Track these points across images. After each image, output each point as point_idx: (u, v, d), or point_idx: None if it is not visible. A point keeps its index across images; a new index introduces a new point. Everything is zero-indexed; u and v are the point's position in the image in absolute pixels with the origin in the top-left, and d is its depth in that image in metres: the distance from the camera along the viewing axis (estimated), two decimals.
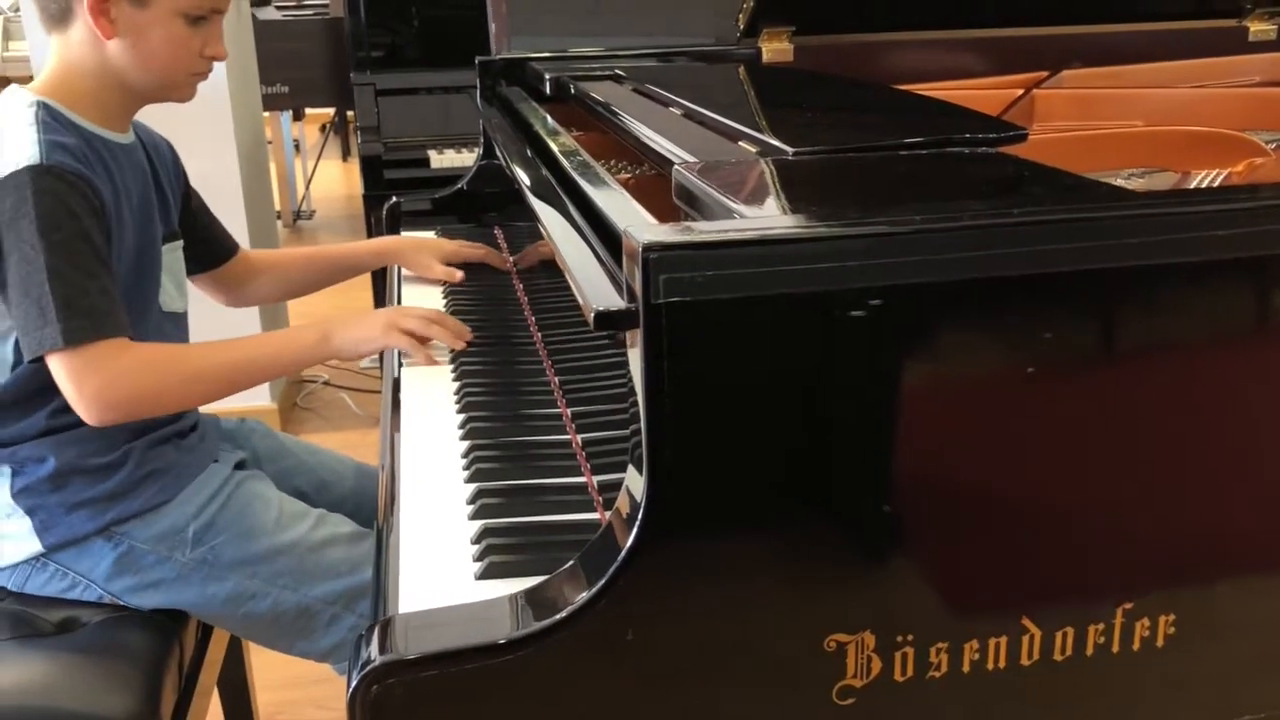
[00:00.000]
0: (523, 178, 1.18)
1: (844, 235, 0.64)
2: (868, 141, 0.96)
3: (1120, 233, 0.67)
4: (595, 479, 0.97)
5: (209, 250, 1.51)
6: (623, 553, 0.65)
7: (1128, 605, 0.73)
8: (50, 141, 1.15)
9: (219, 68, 2.73)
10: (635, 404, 0.68)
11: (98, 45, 1.21)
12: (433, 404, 1.17)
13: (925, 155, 0.92)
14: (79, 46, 1.22)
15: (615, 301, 0.69)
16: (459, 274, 1.58)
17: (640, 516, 0.65)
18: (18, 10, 5.60)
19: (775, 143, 0.96)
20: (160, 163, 1.38)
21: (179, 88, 1.28)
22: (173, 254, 1.37)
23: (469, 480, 0.98)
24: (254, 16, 3.51)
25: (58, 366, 1.13)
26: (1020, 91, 1.62)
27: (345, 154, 6.84)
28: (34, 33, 2.62)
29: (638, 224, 0.69)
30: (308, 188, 5.50)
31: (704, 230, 0.64)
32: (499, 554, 0.83)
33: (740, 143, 1.07)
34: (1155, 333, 0.70)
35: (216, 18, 1.26)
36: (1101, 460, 0.72)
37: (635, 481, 0.68)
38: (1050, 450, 0.70)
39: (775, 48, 2.06)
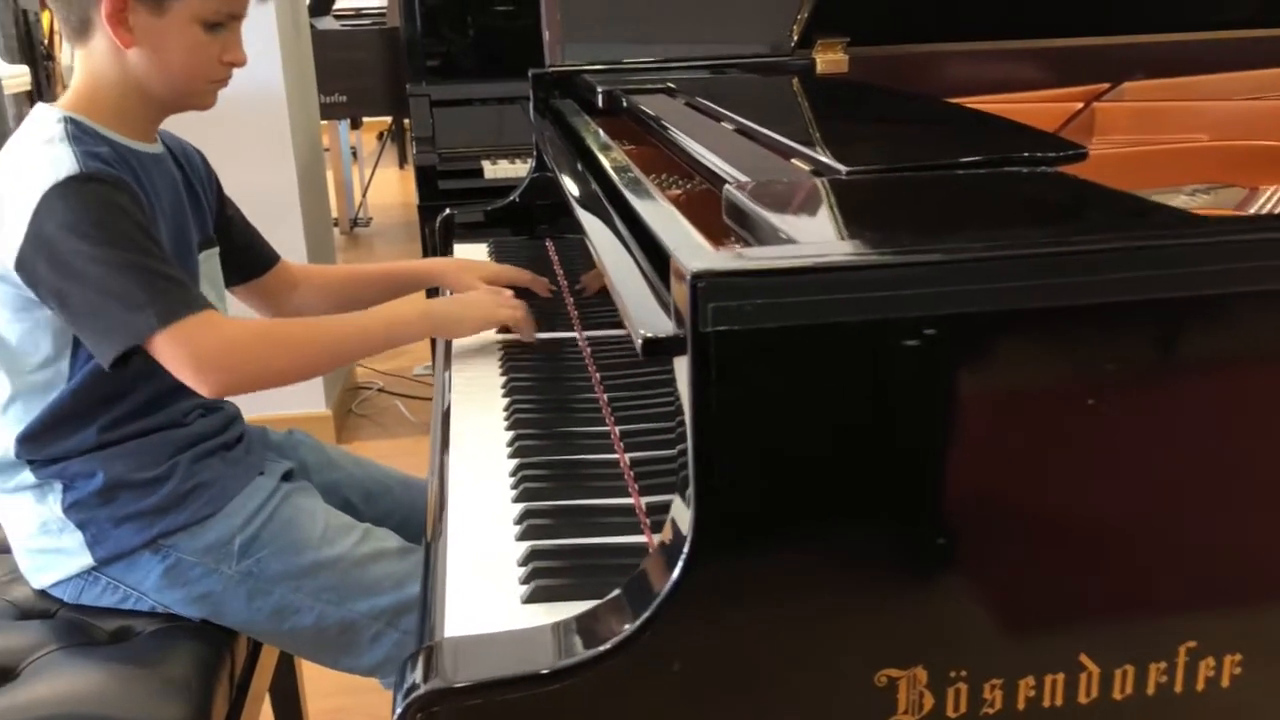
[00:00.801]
0: (573, 193, 1.18)
1: (899, 264, 0.62)
2: (923, 160, 0.94)
3: (1187, 261, 0.65)
4: (643, 500, 0.96)
5: (247, 259, 1.51)
6: (668, 585, 0.64)
7: (1191, 644, 0.71)
8: (85, 152, 1.16)
9: (277, 77, 2.79)
10: (682, 429, 0.67)
11: (118, 55, 1.21)
12: (482, 419, 1.17)
13: (983, 175, 0.90)
14: (101, 58, 1.22)
15: (663, 327, 0.69)
16: (507, 293, 1.57)
17: (686, 549, 0.64)
18: None
19: (828, 161, 0.95)
20: (191, 170, 1.38)
21: (200, 95, 1.28)
22: (209, 261, 1.38)
23: (517, 500, 0.97)
24: (313, 26, 3.56)
25: (165, 346, 1.14)
26: (1079, 105, 1.59)
27: (402, 162, 6.91)
28: None
29: (687, 248, 0.68)
30: (364, 196, 5.57)
31: (754, 257, 0.63)
32: (545, 577, 0.82)
33: (793, 160, 1.05)
34: (1223, 363, 0.68)
35: (235, 23, 1.26)
36: (1163, 494, 0.69)
37: (681, 512, 0.67)
38: (1109, 484, 0.68)
39: (829, 59, 2.04)
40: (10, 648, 1.19)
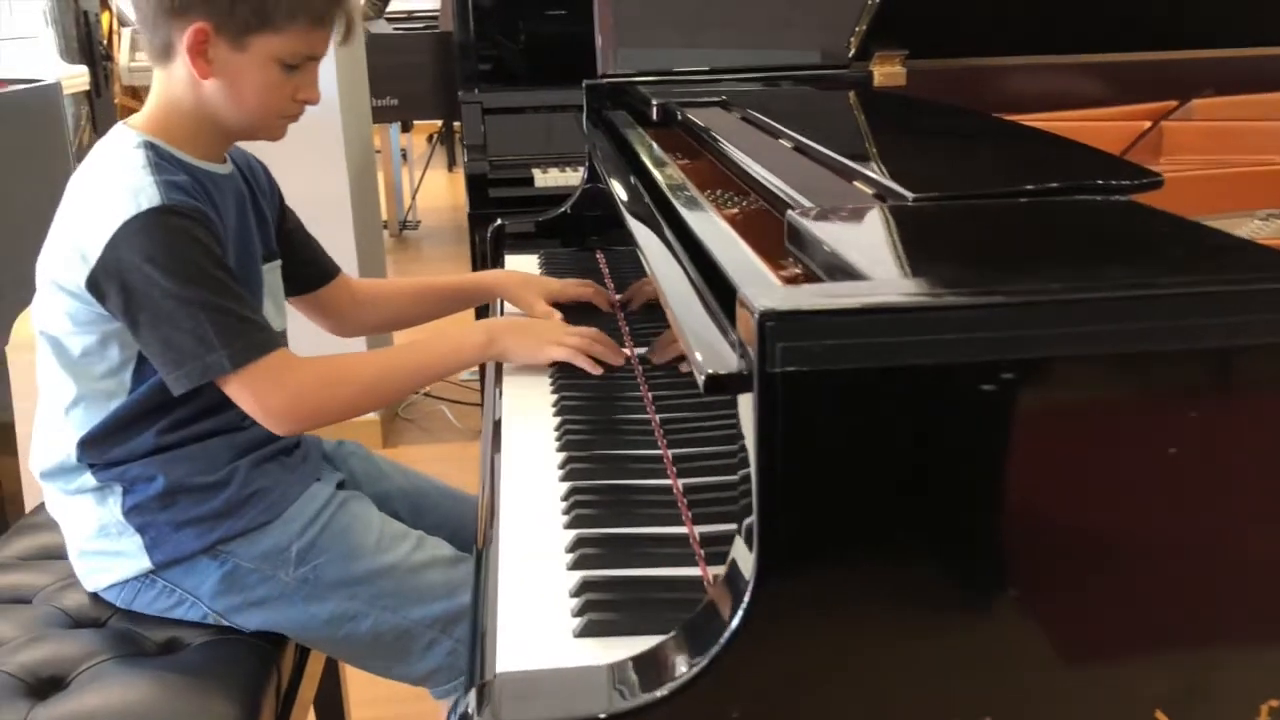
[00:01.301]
0: (628, 210, 1.16)
1: (976, 305, 0.60)
2: (991, 186, 0.92)
3: (1276, 306, 0.62)
4: (697, 529, 0.94)
5: (308, 271, 1.52)
6: (727, 632, 0.62)
7: (1274, 702, 0.68)
8: (166, 181, 1.18)
9: (331, 83, 2.80)
10: (745, 469, 0.65)
11: (195, 84, 1.23)
12: (533, 437, 1.16)
13: (1055, 204, 0.88)
14: (178, 84, 1.24)
15: (728, 362, 0.67)
16: (557, 314, 1.55)
17: (748, 595, 0.62)
18: None
19: (893, 185, 0.92)
20: (256, 184, 1.40)
21: (270, 129, 1.30)
22: (272, 274, 1.39)
23: (569, 526, 0.96)
24: (366, 30, 3.57)
25: (237, 388, 1.18)
26: (1146, 124, 1.55)
27: (451, 164, 6.95)
28: None
29: (753, 282, 0.66)
30: (414, 199, 5.60)
31: (825, 296, 0.60)
32: (598, 610, 0.81)
33: (855, 182, 1.03)
34: None
35: (312, 64, 1.27)
36: (1247, 546, 0.66)
37: (743, 556, 0.65)
38: (1191, 535, 0.66)
39: (887, 71, 2.01)
40: (60, 656, 1.20)
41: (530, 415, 1.21)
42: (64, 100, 2.52)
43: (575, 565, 0.89)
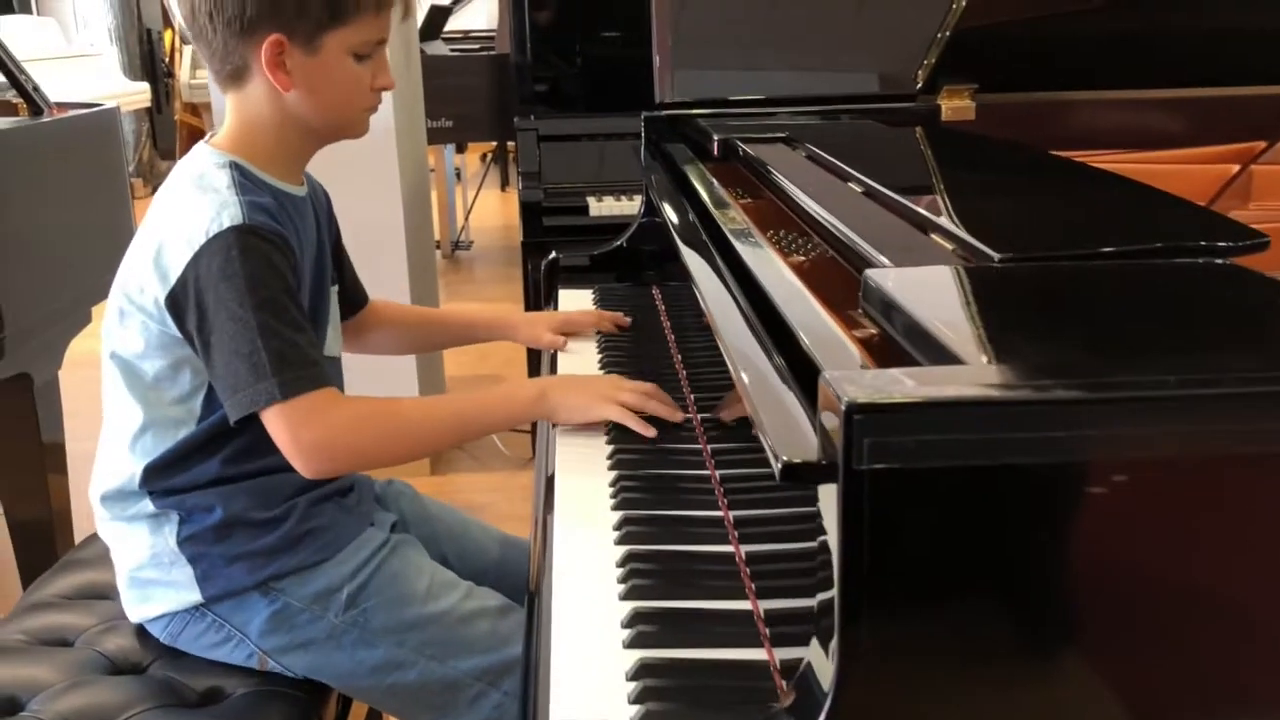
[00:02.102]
0: (691, 263, 1.11)
1: (1087, 400, 0.54)
2: (1083, 246, 0.86)
3: None
4: (761, 605, 0.89)
5: (349, 300, 1.51)
6: None
7: None
8: (250, 202, 1.17)
9: (387, 105, 2.79)
10: (823, 566, 0.60)
11: (276, 98, 1.22)
12: (588, 492, 1.11)
13: (1154, 268, 0.82)
14: (257, 102, 1.23)
15: (806, 449, 0.62)
16: (562, 341, 1.56)
17: (826, 708, 0.57)
18: None
19: (976, 243, 0.87)
20: (320, 209, 1.39)
21: (355, 125, 1.29)
22: (333, 298, 1.39)
23: (625, 597, 0.91)
24: (422, 51, 3.57)
25: (275, 419, 1.15)
26: (1235, 168, 1.48)
27: (504, 184, 6.96)
28: None
29: (837, 360, 0.61)
30: (467, 219, 5.59)
31: (918, 386, 0.55)
32: (656, 700, 0.75)
33: (932, 235, 0.98)
34: None
35: (381, 49, 1.26)
36: None
37: (820, 662, 0.60)
38: None
39: (955, 105, 1.95)
40: (100, 704, 1.17)
41: (585, 467, 1.16)
42: (121, 123, 2.53)
43: (633, 644, 0.84)
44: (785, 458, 0.61)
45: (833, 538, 0.57)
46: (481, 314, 1.72)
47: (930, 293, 0.77)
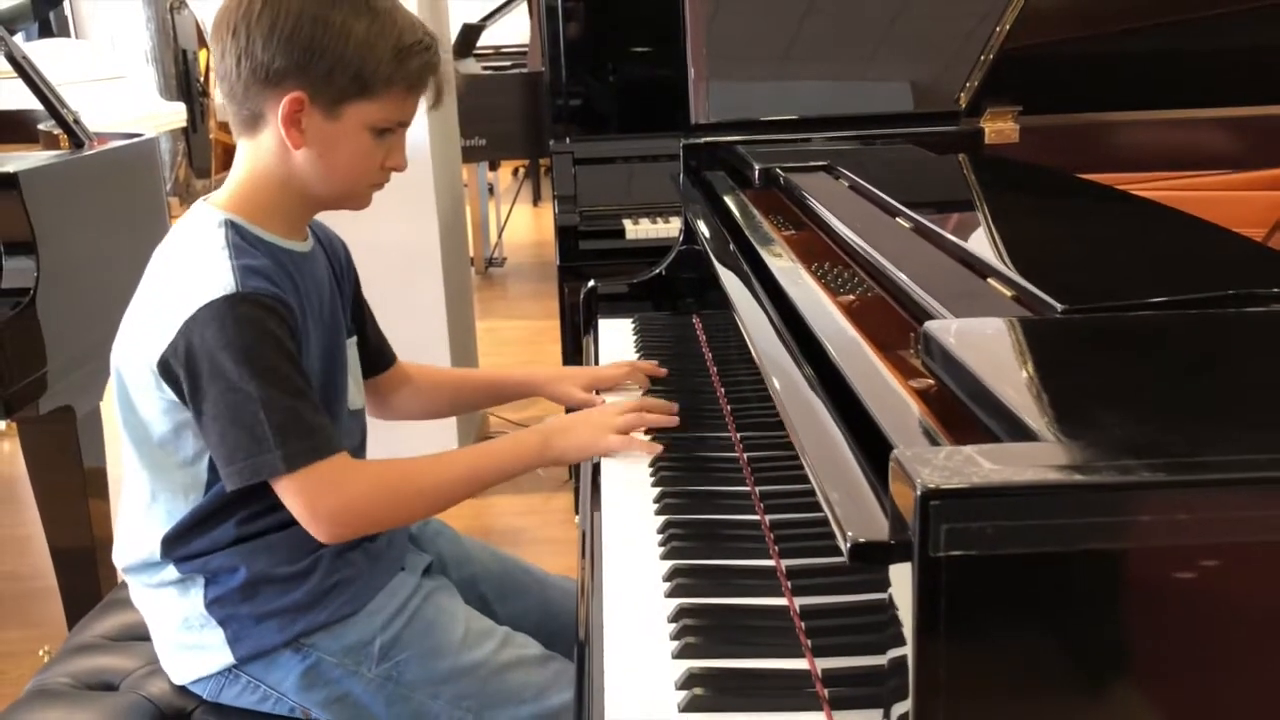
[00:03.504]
0: (746, 315, 1.09)
1: (1178, 482, 0.52)
2: (1147, 294, 0.83)
3: None
4: (819, 664, 0.86)
5: (374, 358, 1.48)
6: None
7: None
8: (244, 267, 1.14)
9: (421, 126, 2.79)
10: (896, 650, 0.57)
11: (285, 154, 1.20)
12: (634, 543, 1.09)
13: (1225, 319, 0.79)
14: (266, 154, 1.21)
15: (876, 529, 0.59)
16: (598, 399, 1.51)
17: None
18: None
19: (1037, 292, 0.84)
20: (335, 260, 1.37)
21: (357, 198, 1.27)
22: (351, 350, 1.36)
23: (678, 655, 0.89)
24: (456, 70, 3.57)
25: (287, 490, 1.13)
26: None
27: (536, 199, 6.96)
28: None
29: (907, 437, 0.59)
30: (500, 236, 5.60)
31: (996, 470, 0.53)
32: None
33: (990, 280, 0.95)
34: None
35: (401, 130, 1.24)
36: None
37: None
38: None
39: (999, 128, 1.92)
40: None
41: (631, 523, 1.14)
42: (160, 152, 2.55)
43: (688, 707, 0.82)
44: (855, 538, 0.59)
45: (907, 627, 0.55)
46: (511, 374, 1.69)
47: (993, 350, 0.75)
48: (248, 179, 1.23)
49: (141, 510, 1.23)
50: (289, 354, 1.14)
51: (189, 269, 1.16)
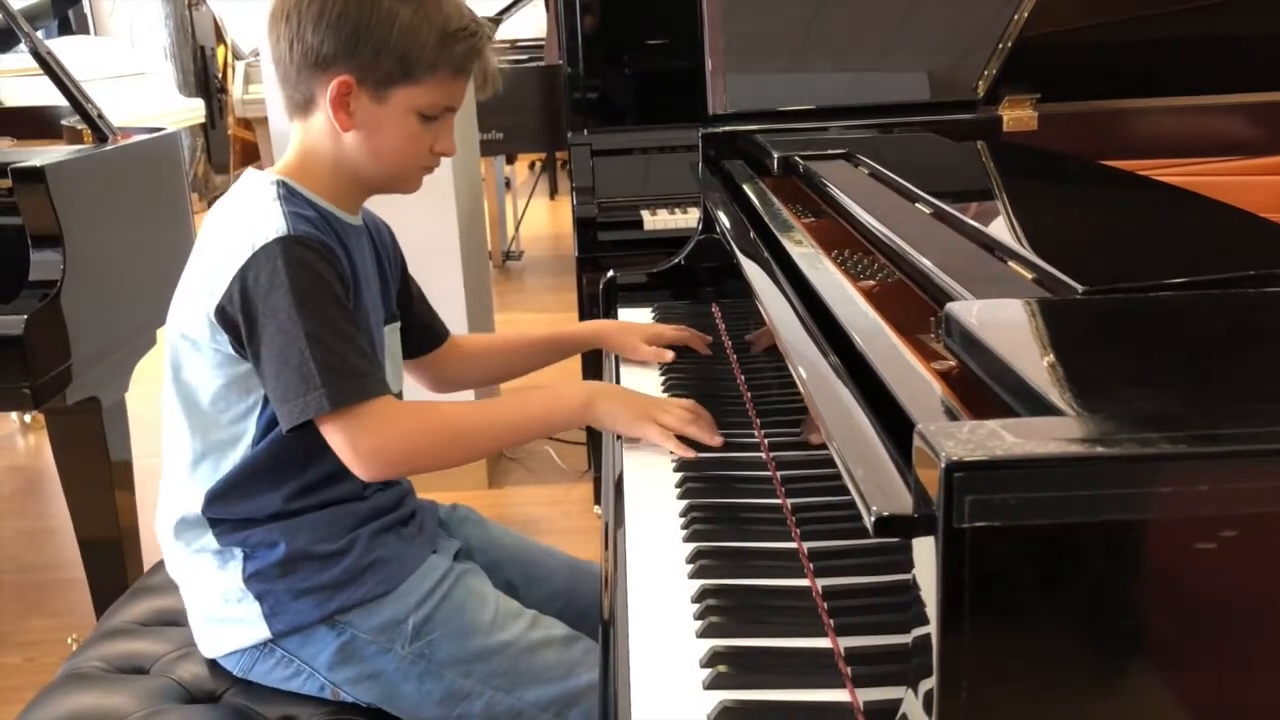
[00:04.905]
0: (769, 300, 1.10)
1: (1201, 454, 0.52)
2: (1168, 275, 0.83)
3: None
4: (841, 643, 0.87)
5: (425, 336, 1.52)
6: None
7: None
8: (294, 214, 1.18)
9: None
10: (920, 627, 0.59)
11: (335, 136, 1.24)
12: (657, 524, 1.10)
13: (1245, 299, 0.79)
14: (317, 135, 1.25)
15: (900, 503, 0.60)
16: (669, 354, 1.55)
17: None
18: (257, 55, 5.98)
19: (1058, 274, 0.85)
20: (382, 246, 1.40)
21: (407, 181, 1.30)
22: (392, 336, 1.40)
23: (702, 635, 0.90)
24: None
25: (330, 429, 1.16)
26: None
27: (553, 192, 6.97)
28: (272, 80, 2.73)
29: (930, 412, 0.60)
30: (517, 229, 5.61)
31: (1019, 442, 0.54)
32: None
33: (1010, 263, 0.96)
34: None
35: (449, 115, 1.27)
36: None
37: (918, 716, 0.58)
38: None
39: (1017, 115, 1.92)
40: None
41: (653, 489, 1.16)
42: (183, 146, 2.57)
43: (712, 684, 0.83)
44: (879, 511, 0.60)
45: (931, 602, 0.56)
46: (572, 329, 1.68)
47: (1014, 330, 0.76)
48: (302, 156, 1.27)
49: (185, 472, 1.25)
50: (337, 297, 1.17)
51: (242, 220, 1.19)
